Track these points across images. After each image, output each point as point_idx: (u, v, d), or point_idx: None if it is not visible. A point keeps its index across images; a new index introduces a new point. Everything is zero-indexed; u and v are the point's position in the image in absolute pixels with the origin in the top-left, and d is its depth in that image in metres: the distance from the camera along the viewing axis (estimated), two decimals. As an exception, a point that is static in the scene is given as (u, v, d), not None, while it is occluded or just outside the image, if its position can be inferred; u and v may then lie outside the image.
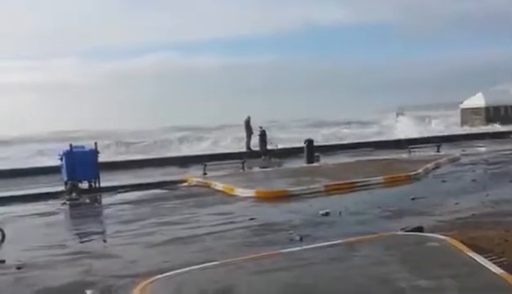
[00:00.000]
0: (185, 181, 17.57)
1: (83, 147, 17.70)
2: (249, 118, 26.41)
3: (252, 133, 25.87)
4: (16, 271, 8.11)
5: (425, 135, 32.47)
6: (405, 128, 35.99)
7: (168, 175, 19.10)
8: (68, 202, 15.11)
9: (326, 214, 11.13)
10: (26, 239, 10.55)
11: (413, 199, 12.43)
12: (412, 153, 22.70)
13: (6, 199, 15.64)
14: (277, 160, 23.10)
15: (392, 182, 15.37)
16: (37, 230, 11.58)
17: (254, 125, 26.21)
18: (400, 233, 8.63)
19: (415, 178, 16.03)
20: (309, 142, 21.73)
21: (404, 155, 22.28)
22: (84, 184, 16.80)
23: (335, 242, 8.21)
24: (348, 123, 47.04)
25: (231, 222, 11.00)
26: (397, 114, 37.86)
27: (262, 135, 24.93)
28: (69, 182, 16.48)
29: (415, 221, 9.53)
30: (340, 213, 11.20)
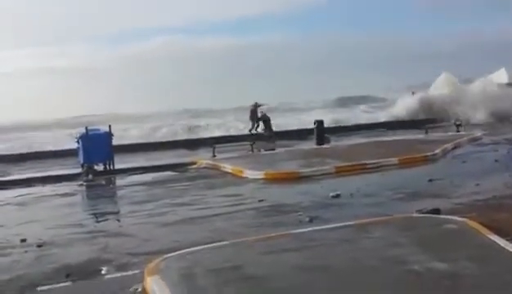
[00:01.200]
0: (194, 163, 17.73)
1: (98, 130, 18.04)
2: (256, 104, 25.86)
3: (258, 119, 25.63)
4: (37, 249, 8.52)
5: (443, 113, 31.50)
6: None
7: (179, 158, 19.39)
8: (84, 184, 15.58)
9: (337, 196, 10.94)
10: (46, 219, 10.96)
11: (430, 181, 11.93)
12: (430, 134, 21.74)
13: (28, 181, 16.23)
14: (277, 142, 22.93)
15: (408, 163, 14.79)
16: (56, 211, 11.99)
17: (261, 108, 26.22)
18: (415, 215, 8.35)
19: (433, 159, 15.41)
20: (319, 123, 21.50)
21: (421, 135, 21.43)
22: (99, 167, 17.28)
23: (347, 223, 8.04)
24: (361, 102, 46.07)
25: (241, 204, 11.14)
26: (414, 92, 36.53)
27: (265, 119, 24.96)
28: (86, 164, 16.97)
29: (432, 203, 9.08)
30: (352, 195, 11.00)
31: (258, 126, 25.46)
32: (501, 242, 6.42)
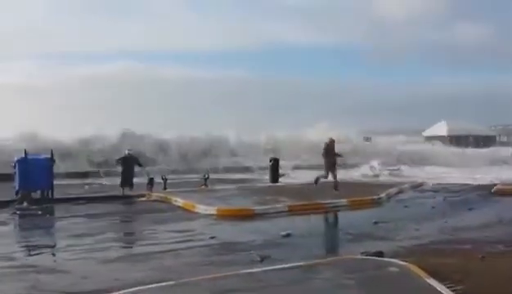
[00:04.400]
0: (144, 196, 17.18)
1: (38, 155, 17.04)
2: (332, 140, 17.47)
3: (336, 158, 17.37)
4: (-45, 284, 7.54)
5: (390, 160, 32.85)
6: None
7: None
8: (18, 212, 14.39)
9: (288, 235, 11.01)
10: (-31, 250, 9.91)
11: (375, 223, 12.48)
12: (375, 178, 23.19)
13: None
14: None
15: (356, 205, 15.47)
16: (-19, 241, 10.92)
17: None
18: (360, 257, 8.66)
19: (378, 202, 16.25)
20: (274, 160, 21.83)
21: (367, 179, 22.64)
22: (37, 194, 16.15)
23: (296, 264, 8.09)
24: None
25: (190, 240, 10.71)
26: (365, 139, 38.45)
27: (129, 161, 18.03)
28: (21, 191, 15.79)
29: (377, 245, 9.56)
30: (302, 235, 11.11)
31: (333, 169, 17.11)
32: (438, 286, 6.70)
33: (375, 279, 7.19)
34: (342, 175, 21.37)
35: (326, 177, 17.15)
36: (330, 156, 16.99)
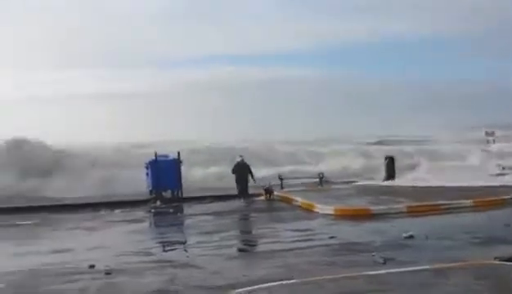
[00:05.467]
0: (262, 195, 17.69)
1: (167, 156, 18.17)
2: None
3: None
4: (105, 276, 8.43)
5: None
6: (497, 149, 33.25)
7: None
8: (153, 211, 15.71)
9: (410, 237, 10.61)
10: (114, 245, 11.05)
11: (507, 226, 11.50)
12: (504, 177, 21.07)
13: (96, 205, 16.60)
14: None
15: (482, 206, 14.36)
16: (124, 237, 12.13)
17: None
18: (493, 261, 8.05)
19: (510, 203, 14.84)
20: (390, 159, 21.44)
21: (493, 178, 20.79)
22: (167, 194, 17.42)
23: (422, 267, 7.77)
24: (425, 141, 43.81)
25: (310, 239, 10.86)
26: (487, 134, 34.95)
27: (242, 168, 17.26)
28: (154, 191, 17.19)
29: (510, 250, 8.78)
30: (426, 237, 10.63)
31: None
32: None
33: (509, 286, 6.73)
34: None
35: None
36: None
